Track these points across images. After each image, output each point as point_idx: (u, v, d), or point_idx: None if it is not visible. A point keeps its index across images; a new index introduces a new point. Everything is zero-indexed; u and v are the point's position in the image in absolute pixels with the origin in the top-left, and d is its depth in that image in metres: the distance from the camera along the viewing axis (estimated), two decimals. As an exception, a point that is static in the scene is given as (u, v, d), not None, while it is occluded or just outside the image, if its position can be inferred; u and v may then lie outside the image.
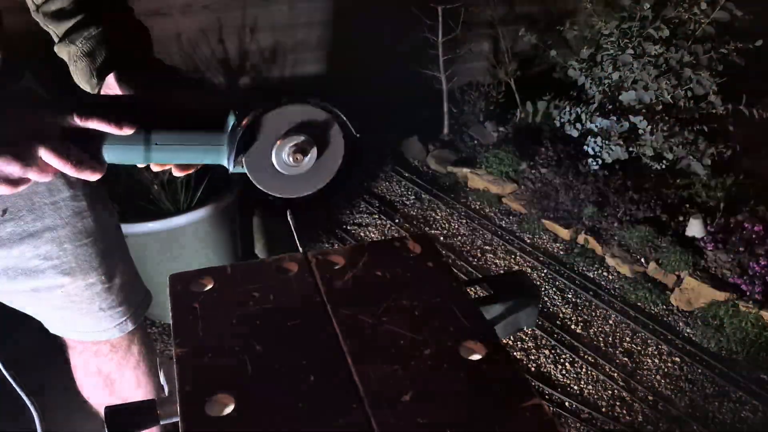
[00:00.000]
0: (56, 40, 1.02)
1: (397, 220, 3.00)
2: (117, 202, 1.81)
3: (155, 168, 0.88)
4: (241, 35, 3.27)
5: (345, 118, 0.80)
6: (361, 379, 0.63)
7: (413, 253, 0.83)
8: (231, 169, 0.81)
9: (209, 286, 0.77)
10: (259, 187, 0.81)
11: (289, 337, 0.70)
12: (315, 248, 0.79)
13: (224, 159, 0.81)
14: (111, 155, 0.82)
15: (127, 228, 2.07)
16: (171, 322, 0.74)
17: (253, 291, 0.76)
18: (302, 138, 0.79)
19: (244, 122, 0.78)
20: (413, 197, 3.16)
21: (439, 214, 3.07)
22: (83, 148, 0.81)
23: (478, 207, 3.11)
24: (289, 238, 0.90)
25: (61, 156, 0.79)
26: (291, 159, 0.79)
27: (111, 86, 0.96)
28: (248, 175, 0.81)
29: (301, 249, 0.85)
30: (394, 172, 3.32)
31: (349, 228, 2.95)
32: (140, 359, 1.41)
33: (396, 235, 2.93)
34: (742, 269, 2.42)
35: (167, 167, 0.88)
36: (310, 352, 0.67)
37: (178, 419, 0.62)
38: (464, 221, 3.01)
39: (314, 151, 0.79)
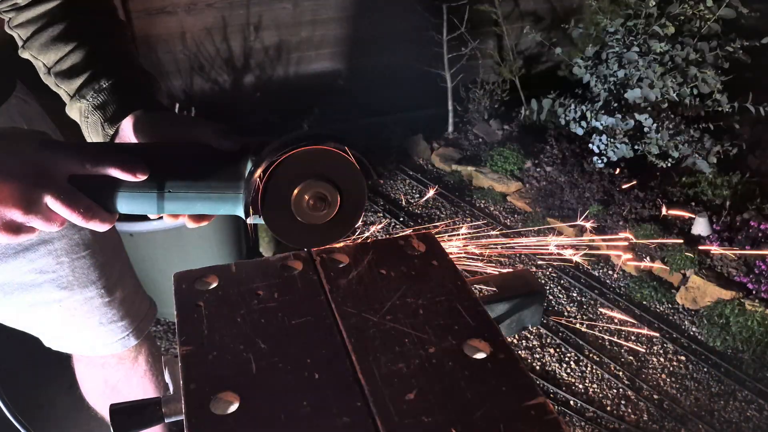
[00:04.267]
0: (67, 100, 0.97)
1: (401, 219, 3.00)
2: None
3: (168, 220, 0.84)
4: (246, 33, 3.27)
5: (365, 161, 0.74)
6: (365, 377, 0.63)
7: (418, 251, 0.83)
8: (248, 221, 0.76)
9: (214, 285, 0.77)
10: (279, 239, 0.77)
11: (294, 335, 0.69)
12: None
13: (240, 209, 0.76)
14: (122, 204, 0.77)
15: (132, 227, 2.08)
16: (176, 321, 0.74)
17: (258, 289, 0.76)
18: (322, 184, 0.73)
19: (257, 172, 0.72)
20: (418, 195, 3.16)
21: (444, 212, 3.07)
22: (92, 197, 0.75)
23: (482, 205, 3.11)
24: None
25: (68, 204, 0.73)
26: (311, 207, 0.74)
27: (123, 137, 0.90)
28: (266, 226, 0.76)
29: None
30: (399, 170, 3.32)
31: (353, 226, 2.95)
32: (147, 369, 1.38)
33: (400, 233, 2.92)
34: (748, 268, 2.41)
35: (180, 219, 0.84)
36: (314, 350, 0.67)
37: (182, 417, 0.62)
38: (469, 219, 3.01)
39: (336, 197, 0.74)
